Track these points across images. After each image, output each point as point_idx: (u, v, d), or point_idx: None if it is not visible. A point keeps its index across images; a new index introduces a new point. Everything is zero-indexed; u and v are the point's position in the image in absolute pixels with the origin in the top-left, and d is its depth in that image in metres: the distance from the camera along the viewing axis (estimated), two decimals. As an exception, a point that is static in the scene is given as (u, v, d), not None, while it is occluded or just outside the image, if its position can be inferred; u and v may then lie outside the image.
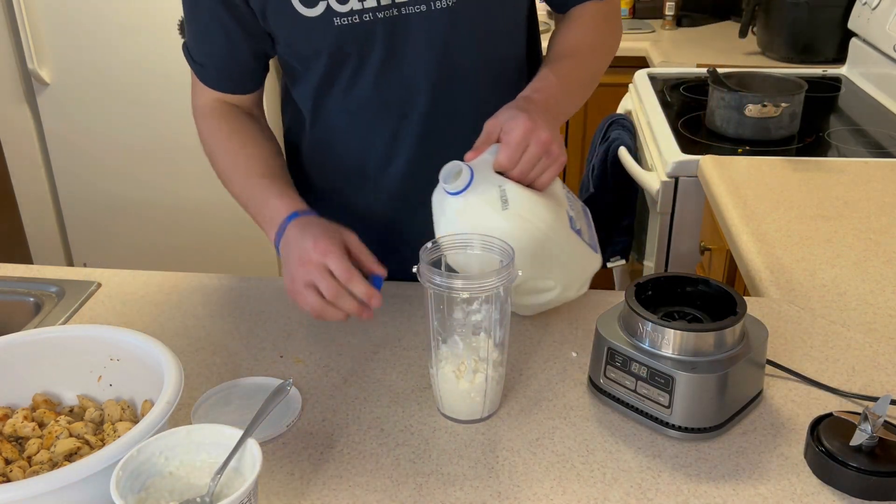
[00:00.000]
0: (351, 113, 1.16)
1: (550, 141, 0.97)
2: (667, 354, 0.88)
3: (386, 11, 1.05)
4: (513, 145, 0.96)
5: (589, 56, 1.18)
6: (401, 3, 1.05)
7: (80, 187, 2.86)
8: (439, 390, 0.92)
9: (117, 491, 0.70)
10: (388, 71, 1.11)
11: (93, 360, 0.92)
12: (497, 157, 0.96)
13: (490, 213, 0.95)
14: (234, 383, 1.00)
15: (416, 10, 1.06)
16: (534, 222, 0.96)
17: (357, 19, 1.05)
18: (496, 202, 0.95)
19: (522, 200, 0.96)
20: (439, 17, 1.07)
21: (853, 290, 1.18)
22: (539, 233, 0.96)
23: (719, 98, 1.87)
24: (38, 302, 1.20)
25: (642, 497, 0.82)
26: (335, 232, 1.01)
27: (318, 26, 1.06)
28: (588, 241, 1.05)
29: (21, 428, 0.86)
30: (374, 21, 1.06)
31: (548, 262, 1.00)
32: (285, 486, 0.84)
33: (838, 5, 2.40)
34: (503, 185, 0.96)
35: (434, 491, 0.83)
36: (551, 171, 0.99)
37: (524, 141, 0.96)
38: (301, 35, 1.09)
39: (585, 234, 1.05)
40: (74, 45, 2.63)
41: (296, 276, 0.98)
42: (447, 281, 0.85)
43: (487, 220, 0.94)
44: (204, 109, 1.19)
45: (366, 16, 1.05)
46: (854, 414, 0.84)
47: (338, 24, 1.06)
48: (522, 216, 0.95)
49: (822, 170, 1.63)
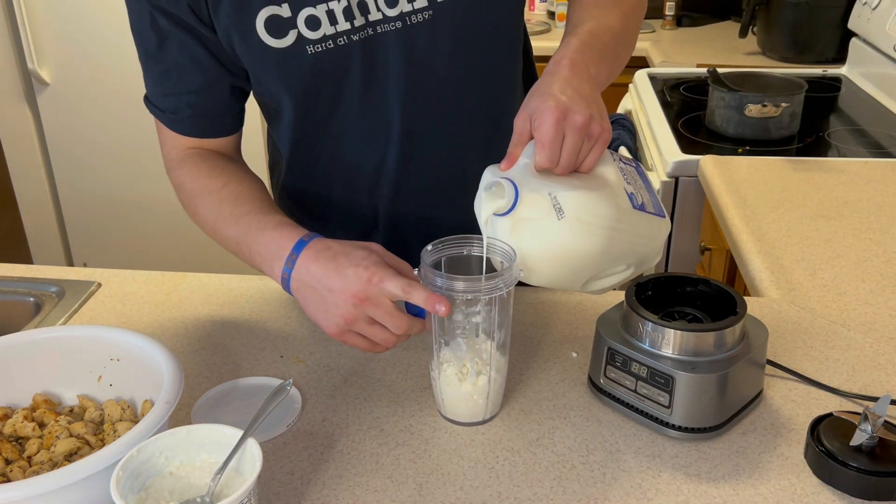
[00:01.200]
0: (334, 140, 1.10)
1: (587, 122, 0.87)
2: (667, 354, 0.88)
3: (360, 33, 0.99)
4: (548, 142, 0.86)
5: (613, 11, 1.04)
6: (375, 22, 0.99)
7: (80, 187, 2.86)
8: (441, 393, 0.92)
9: (117, 491, 0.70)
10: (368, 93, 1.05)
11: (93, 360, 0.92)
12: (536, 160, 0.87)
13: (547, 226, 0.86)
14: (234, 383, 1.00)
15: (391, 28, 1.00)
16: (596, 223, 0.88)
17: (331, 44, 0.99)
18: (550, 213, 0.86)
19: (578, 202, 0.87)
20: (416, 32, 1.01)
21: (853, 290, 1.18)
22: (605, 231, 0.88)
23: (719, 98, 1.87)
24: (38, 302, 1.20)
25: (642, 497, 0.82)
26: (366, 250, 0.90)
27: (291, 58, 0.99)
28: (653, 211, 0.96)
29: (21, 428, 0.86)
30: (349, 44, 1.00)
31: (619, 252, 0.93)
32: (285, 486, 0.84)
33: (838, 5, 2.40)
34: (552, 191, 0.87)
35: (434, 491, 0.83)
36: (596, 152, 0.90)
37: (559, 133, 0.86)
38: (271, 68, 1.01)
39: (648, 204, 0.96)
40: (74, 45, 2.63)
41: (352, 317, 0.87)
42: (449, 283, 0.85)
43: (546, 234, 0.87)
44: (177, 160, 1.08)
45: (340, 39, 0.99)
46: (854, 414, 0.84)
47: (311, 52, 0.99)
48: (582, 220, 0.87)
49: (822, 170, 1.63)
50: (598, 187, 0.90)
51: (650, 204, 0.97)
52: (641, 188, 0.97)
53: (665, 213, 1.00)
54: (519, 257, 0.87)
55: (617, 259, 0.93)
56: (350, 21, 0.99)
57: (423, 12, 1.00)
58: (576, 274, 0.92)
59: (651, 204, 0.97)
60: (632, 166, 1.00)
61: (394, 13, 1.00)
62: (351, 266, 0.87)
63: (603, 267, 0.92)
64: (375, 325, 0.88)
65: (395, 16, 1.00)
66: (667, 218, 0.99)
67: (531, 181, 0.88)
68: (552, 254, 0.89)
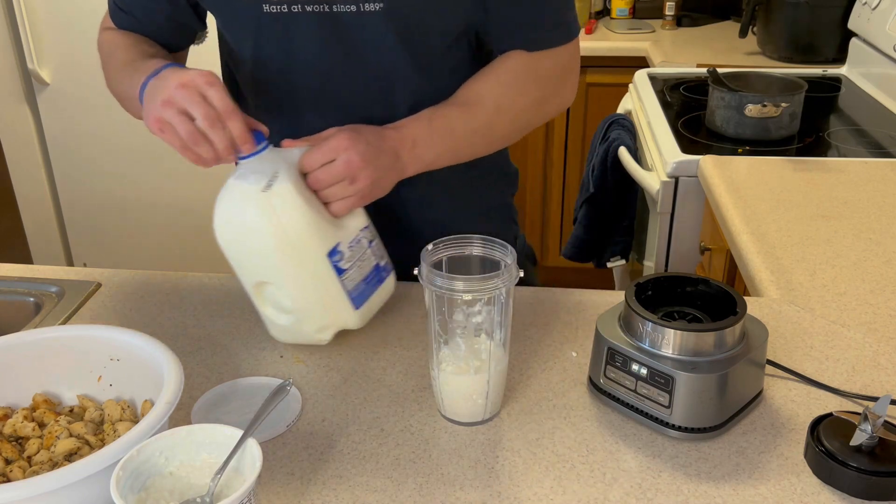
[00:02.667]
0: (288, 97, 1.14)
1: (360, 168, 0.95)
2: (667, 354, 0.88)
3: (315, 6, 1.03)
4: (317, 151, 0.94)
5: (491, 114, 1.10)
6: (332, 1, 1.03)
7: (80, 187, 2.86)
8: (440, 392, 0.92)
9: (117, 491, 0.70)
10: (316, 65, 1.09)
11: (93, 360, 0.92)
12: (302, 157, 0.95)
13: (248, 188, 0.93)
14: (234, 383, 1.00)
15: (346, 10, 1.03)
16: (281, 220, 0.92)
17: (286, 9, 1.04)
18: (262, 181, 0.92)
19: (286, 195, 0.92)
20: (369, 20, 1.04)
21: (853, 290, 1.18)
22: (281, 233, 0.93)
23: (719, 98, 1.87)
24: (38, 302, 1.20)
25: (642, 497, 0.82)
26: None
27: (248, 10, 1.05)
28: (348, 290, 1.00)
29: (21, 428, 0.86)
30: (302, 14, 1.04)
31: (284, 274, 0.97)
32: (285, 486, 0.84)
33: (838, 5, 2.40)
34: (282, 172, 0.93)
35: (434, 491, 0.83)
36: (349, 202, 0.97)
37: (332, 154, 0.94)
38: (231, 18, 1.09)
39: (351, 283, 1.00)
40: (74, 45, 2.63)
41: (169, 98, 0.89)
42: (449, 283, 0.85)
43: (243, 195, 0.93)
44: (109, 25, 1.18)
45: (294, 7, 1.04)
46: (854, 414, 0.84)
47: (266, 11, 1.04)
48: (274, 208, 0.92)
49: (822, 170, 1.63)
50: (318, 211, 0.95)
51: (355, 286, 1.00)
52: (363, 271, 1.01)
53: (359, 311, 1.02)
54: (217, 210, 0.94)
55: (281, 282, 0.97)
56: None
57: (376, 3, 1.02)
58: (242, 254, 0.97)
59: (356, 287, 1.00)
60: (380, 263, 1.04)
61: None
62: (196, 70, 0.91)
63: (268, 275, 0.97)
64: (185, 116, 0.89)
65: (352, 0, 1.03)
66: (356, 314, 1.02)
67: (283, 160, 0.94)
68: (231, 216, 0.95)
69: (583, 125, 2.94)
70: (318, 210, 0.96)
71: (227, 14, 1.10)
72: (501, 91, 1.10)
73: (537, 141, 2.98)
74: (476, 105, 1.09)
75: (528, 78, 1.11)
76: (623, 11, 3.11)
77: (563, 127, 2.96)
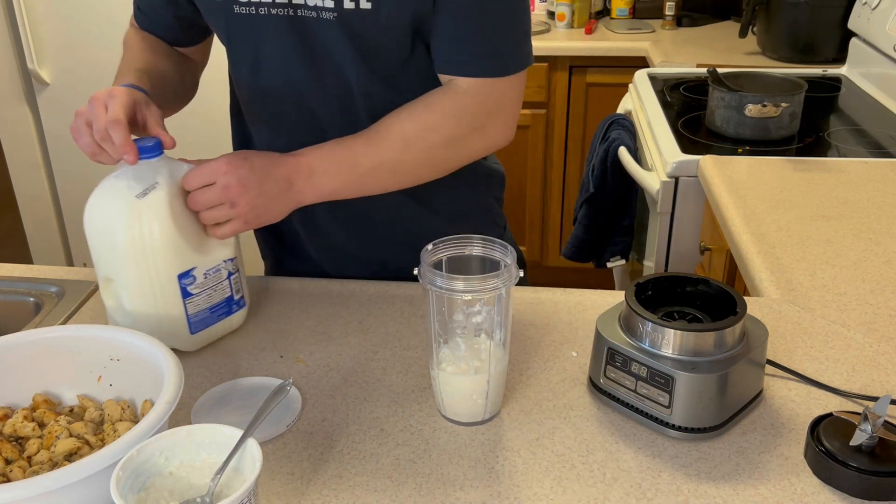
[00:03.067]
0: (259, 97, 1.16)
1: (238, 193, 0.98)
2: (667, 354, 0.88)
3: (280, 9, 1.05)
4: (198, 172, 0.98)
5: (398, 149, 1.07)
6: (297, 5, 1.04)
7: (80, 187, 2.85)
8: (440, 392, 0.92)
9: (117, 491, 0.70)
10: (280, 66, 1.10)
11: (93, 360, 0.92)
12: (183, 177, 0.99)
13: (123, 191, 0.96)
14: (234, 383, 1.00)
15: (308, 15, 1.05)
16: (143, 229, 0.95)
17: (254, 10, 1.06)
18: (139, 187, 0.96)
19: (156, 207, 0.96)
20: (326, 28, 1.05)
21: (853, 290, 1.18)
22: (138, 242, 0.95)
23: (719, 98, 1.87)
24: (38, 302, 1.20)
25: (642, 497, 0.82)
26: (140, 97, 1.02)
27: (222, 10, 1.09)
28: (189, 314, 1.02)
29: (21, 428, 0.86)
30: (268, 16, 1.06)
31: (130, 279, 0.98)
32: (285, 486, 0.84)
33: (838, 5, 2.40)
34: (162, 184, 0.97)
35: (434, 491, 0.83)
36: (230, 226, 1.00)
37: (211, 176, 0.97)
38: (210, 15, 1.13)
39: (194, 308, 1.02)
40: (74, 45, 2.63)
41: (80, 111, 0.99)
42: (449, 283, 0.85)
43: (116, 195, 0.96)
44: (135, 23, 1.25)
45: (262, 9, 1.06)
46: (854, 414, 0.84)
47: (237, 12, 1.07)
48: (140, 215, 0.95)
49: (822, 170, 1.63)
50: (182, 240, 0.98)
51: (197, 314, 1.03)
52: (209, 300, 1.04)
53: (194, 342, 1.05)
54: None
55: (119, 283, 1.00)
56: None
57: (330, 13, 1.03)
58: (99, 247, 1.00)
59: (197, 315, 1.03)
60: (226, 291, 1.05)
61: (311, 3, 1.04)
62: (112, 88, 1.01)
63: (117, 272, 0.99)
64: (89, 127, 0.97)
65: (312, 6, 1.04)
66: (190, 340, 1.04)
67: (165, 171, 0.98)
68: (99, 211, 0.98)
69: (583, 125, 2.94)
70: (185, 231, 0.99)
71: (207, 14, 1.14)
72: (412, 126, 1.06)
73: (537, 141, 2.98)
74: (383, 139, 1.06)
75: (448, 113, 1.07)
76: (623, 11, 3.11)
77: (563, 127, 2.96)
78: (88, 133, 0.97)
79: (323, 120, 1.13)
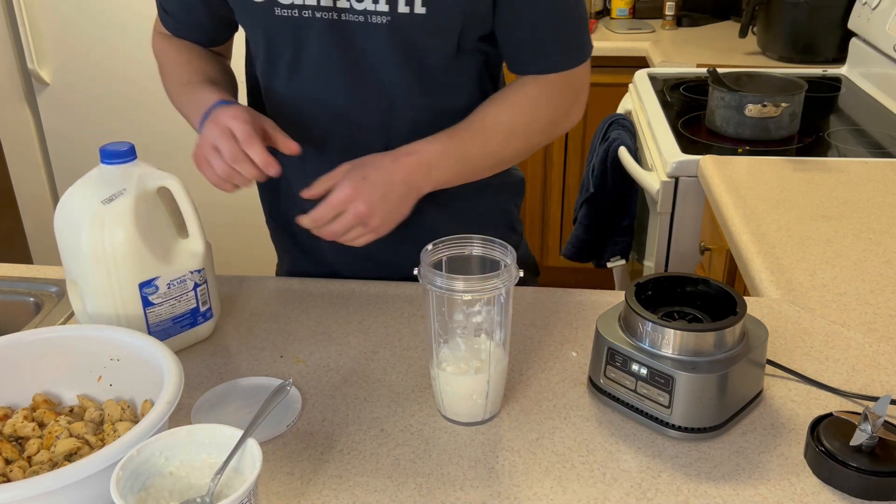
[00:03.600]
0: (291, 102, 1.16)
1: (369, 214, 1.01)
2: (667, 354, 0.88)
3: (324, 13, 1.05)
4: (325, 208, 1.00)
5: (503, 139, 1.12)
6: (342, 9, 1.04)
7: (80, 187, 2.86)
8: (441, 392, 0.92)
9: (117, 491, 0.70)
10: (320, 70, 1.10)
11: (93, 360, 0.92)
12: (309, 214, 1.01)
13: (91, 194, 0.97)
14: (234, 383, 1.00)
15: (354, 20, 1.05)
16: (105, 236, 0.95)
17: (296, 13, 1.06)
18: (106, 192, 0.96)
19: (120, 215, 0.96)
20: (374, 32, 1.05)
21: (853, 290, 1.18)
22: (100, 248, 0.96)
23: (719, 98, 1.87)
24: (38, 302, 1.20)
25: (642, 497, 0.82)
26: (251, 111, 1.04)
27: (262, 12, 1.08)
28: (150, 322, 1.01)
29: (21, 428, 0.86)
30: (311, 19, 1.06)
31: (91, 283, 0.98)
32: (285, 486, 0.84)
33: (838, 5, 2.40)
34: (130, 192, 0.97)
35: (434, 491, 0.83)
36: (366, 238, 1.04)
37: (339, 207, 1.00)
38: (247, 17, 1.12)
39: (156, 317, 1.02)
40: (74, 45, 2.63)
41: (202, 136, 1.01)
42: (449, 283, 0.85)
43: (83, 198, 0.97)
44: (158, 30, 1.26)
45: (305, 12, 1.06)
46: (854, 414, 0.84)
47: (278, 14, 1.07)
48: (104, 221, 0.95)
49: (822, 170, 1.63)
50: (146, 249, 0.98)
51: (158, 324, 1.02)
52: (172, 310, 1.03)
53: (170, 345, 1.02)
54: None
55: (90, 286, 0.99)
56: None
57: (383, 16, 1.04)
58: (65, 247, 1.00)
59: (159, 325, 1.02)
60: (191, 302, 1.05)
61: (359, 7, 1.04)
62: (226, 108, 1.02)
63: (80, 275, 0.99)
64: (216, 151, 1.00)
65: (360, 10, 1.04)
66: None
67: (135, 178, 0.98)
68: (67, 212, 0.99)
69: (583, 125, 2.94)
70: (150, 239, 0.99)
71: (243, 15, 1.13)
72: (515, 117, 1.12)
73: (537, 141, 2.97)
74: (490, 131, 1.11)
75: (541, 103, 1.13)
76: (623, 11, 3.11)
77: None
78: (216, 156, 0.99)
79: (357, 125, 1.14)
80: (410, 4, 1.02)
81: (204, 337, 1.09)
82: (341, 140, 1.15)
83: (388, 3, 1.03)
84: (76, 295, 1.02)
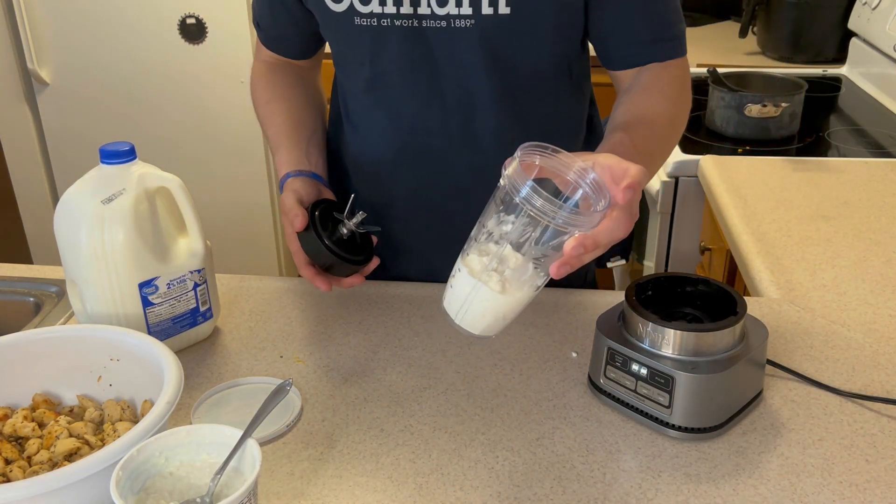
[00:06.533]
0: (368, 112, 1.16)
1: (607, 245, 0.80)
2: (667, 354, 0.88)
3: (405, 20, 1.04)
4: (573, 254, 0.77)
5: (666, 129, 1.07)
6: (423, 16, 1.04)
7: (80, 187, 2.86)
8: (465, 297, 0.81)
9: (117, 491, 0.70)
10: (402, 80, 1.10)
11: (93, 360, 0.92)
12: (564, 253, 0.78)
13: (90, 193, 0.97)
14: (234, 383, 1.00)
15: (436, 25, 1.04)
16: (104, 236, 0.96)
17: (375, 22, 1.05)
18: (106, 192, 0.97)
19: (121, 214, 0.96)
20: (458, 37, 1.04)
21: (853, 290, 1.18)
22: (99, 248, 0.96)
23: (719, 98, 1.87)
24: (38, 302, 1.20)
25: (642, 497, 0.82)
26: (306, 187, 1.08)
27: (341, 22, 1.08)
28: (150, 323, 1.01)
29: (21, 428, 0.86)
30: (391, 28, 1.05)
31: (91, 283, 0.99)
32: (285, 486, 0.84)
33: (838, 5, 2.40)
34: (130, 191, 0.97)
35: (434, 491, 0.83)
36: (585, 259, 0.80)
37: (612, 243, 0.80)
38: (327, 27, 1.12)
39: (155, 317, 1.02)
40: (74, 45, 2.63)
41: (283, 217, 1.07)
42: (551, 207, 0.73)
43: (82, 197, 0.98)
44: (261, 55, 1.29)
45: (384, 21, 1.05)
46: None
47: (357, 24, 1.06)
48: (103, 221, 0.96)
49: (822, 170, 1.63)
50: (146, 249, 0.99)
51: (158, 324, 1.02)
52: (172, 310, 1.03)
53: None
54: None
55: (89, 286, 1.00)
56: (397, 6, 1.04)
57: (467, 20, 1.03)
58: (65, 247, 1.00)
59: (159, 325, 1.02)
60: (191, 302, 1.05)
61: (442, 12, 1.03)
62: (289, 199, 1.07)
63: (79, 275, 0.99)
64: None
65: (443, 15, 1.03)
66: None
67: (134, 178, 0.98)
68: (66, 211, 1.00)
69: (583, 125, 2.94)
70: (150, 239, 0.98)
71: (325, 26, 1.13)
72: (669, 105, 1.08)
73: (537, 141, 2.97)
74: (655, 123, 1.05)
75: (675, 99, 1.09)
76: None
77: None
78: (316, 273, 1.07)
79: (437, 134, 1.12)
80: (494, 5, 1.01)
81: (204, 337, 1.09)
82: (419, 152, 1.14)
83: (471, 5, 1.01)
84: (76, 295, 1.02)
